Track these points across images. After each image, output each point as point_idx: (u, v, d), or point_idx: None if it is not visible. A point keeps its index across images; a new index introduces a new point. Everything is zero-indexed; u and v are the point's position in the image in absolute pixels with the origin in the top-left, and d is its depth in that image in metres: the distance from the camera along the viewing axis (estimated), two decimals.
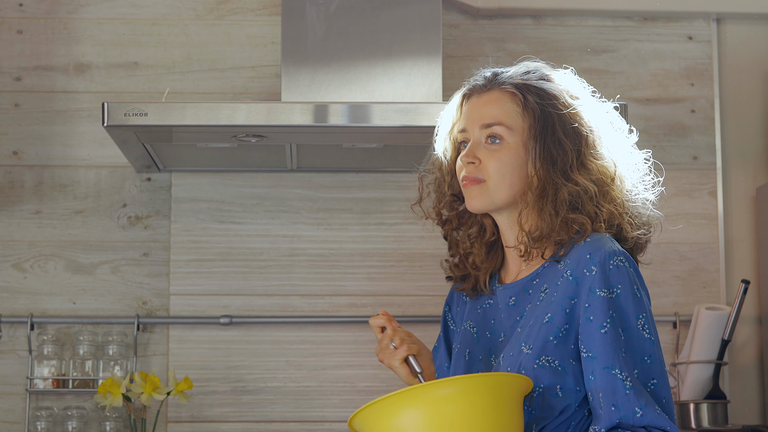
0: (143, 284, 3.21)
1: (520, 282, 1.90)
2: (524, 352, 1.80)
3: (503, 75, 1.93)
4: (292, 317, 3.21)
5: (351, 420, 1.70)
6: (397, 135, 2.83)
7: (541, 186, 1.85)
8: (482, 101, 1.91)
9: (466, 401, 1.65)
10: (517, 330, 1.86)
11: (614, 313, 1.76)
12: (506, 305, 1.91)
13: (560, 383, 1.78)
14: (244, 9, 3.30)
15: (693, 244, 3.31)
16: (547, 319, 1.81)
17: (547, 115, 1.87)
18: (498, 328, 1.92)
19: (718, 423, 3.08)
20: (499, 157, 1.87)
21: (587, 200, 1.84)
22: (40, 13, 3.27)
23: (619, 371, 1.74)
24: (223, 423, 3.18)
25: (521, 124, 1.87)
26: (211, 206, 3.24)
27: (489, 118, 1.89)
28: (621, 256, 1.79)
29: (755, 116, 3.37)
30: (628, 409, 1.73)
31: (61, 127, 3.24)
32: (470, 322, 1.98)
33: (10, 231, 3.21)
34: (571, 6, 3.32)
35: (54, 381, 3.11)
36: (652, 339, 1.78)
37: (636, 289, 1.79)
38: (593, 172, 1.86)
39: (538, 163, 1.85)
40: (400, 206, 3.26)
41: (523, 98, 1.88)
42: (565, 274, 1.82)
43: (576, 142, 1.86)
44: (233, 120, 2.72)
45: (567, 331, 1.79)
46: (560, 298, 1.81)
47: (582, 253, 1.81)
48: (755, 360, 3.29)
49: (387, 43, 2.96)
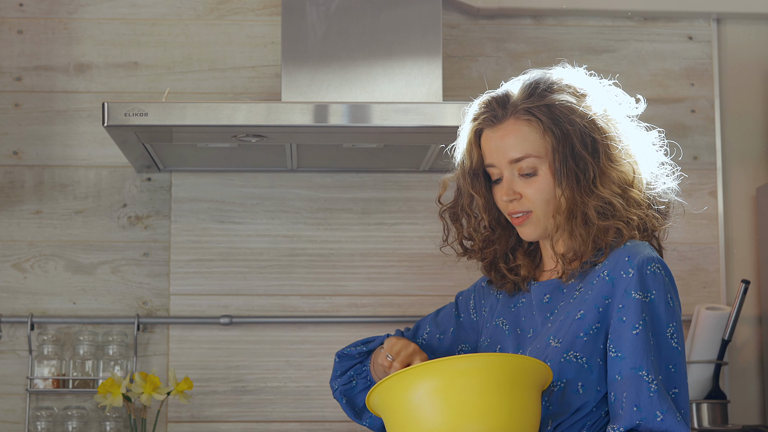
0: (143, 284, 3.21)
1: (555, 280, 1.91)
2: (552, 345, 1.81)
3: (512, 101, 1.89)
4: (292, 317, 3.21)
5: (369, 396, 1.71)
6: (397, 135, 2.83)
7: (569, 207, 1.85)
8: (499, 135, 1.88)
9: (485, 378, 1.65)
10: (548, 325, 1.86)
11: (647, 317, 1.77)
12: (539, 302, 1.91)
13: (583, 380, 1.79)
14: (244, 9, 3.30)
15: (693, 244, 3.31)
16: (579, 316, 1.81)
17: (566, 132, 1.85)
18: (528, 324, 1.92)
19: (718, 423, 3.08)
20: (537, 187, 1.86)
21: (617, 210, 1.84)
22: (40, 13, 3.27)
23: (646, 373, 1.74)
24: (223, 423, 3.18)
25: (545, 148, 1.86)
26: (211, 206, 3.24)
27: (515, 153, 1.87)
28: (658, 264, 1.81)
29: (755, 116, 3.37)
30: (650, 412, 1.73)
31: (61, 127, 3.24)
32: (503, 319, 1.98)
33: (10, 231, 3.21)
34: (571, 6, 3.32)
35: (54, 381, 3.11)
36: (679, 349, 1.78)
37: (670, 297, 1.79)
38: (615, 180, 1.85)
39: (564, 183, 1.85)
40: (400, 206, 3.27)
41: (539, 122, 1.86)
42: (602, 274, 1.82)
43: (595, 153, 1.85)
44: (233, 120, 2.71)
45: (598, 330, 1.80)
46: (594, 297, 1.81)
47: (621, 255, 1.82)
48: (755, 360, 3.29)
49: (387, 43, 2.96)
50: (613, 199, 1.84)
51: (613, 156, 1.87)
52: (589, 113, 1.87)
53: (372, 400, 1.73)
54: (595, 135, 1.86)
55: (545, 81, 1.90)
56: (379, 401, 1.72)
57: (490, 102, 1.91)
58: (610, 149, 1.86)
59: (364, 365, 2.06)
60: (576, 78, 1.92)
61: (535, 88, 1.89)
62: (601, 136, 1.86)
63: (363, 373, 2.06)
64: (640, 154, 1.91)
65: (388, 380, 1.67)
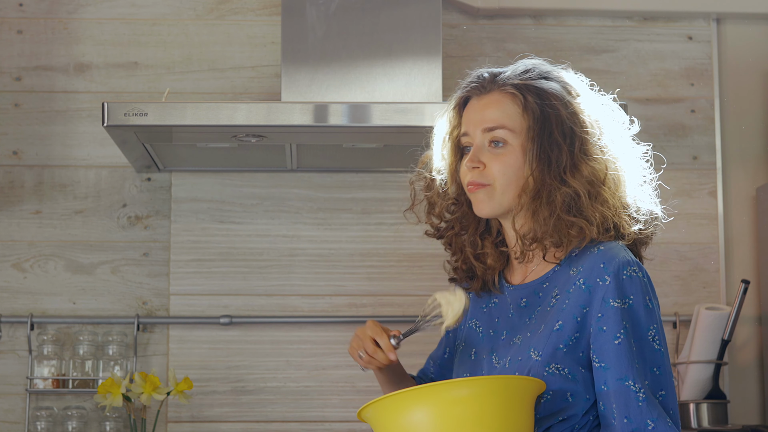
0: (143, 284, 3.21)
1: (531, 284, 1.90)
2: (533, 359, 1.80)
3: (502, 76, 1.90)
4: (291, 317, 3.21)
5: (361, 410, 1.71)
6: (397, 135, 2.83)
7: (536, 188, 1.84)
8: (482, 104, 1.89)
9: (479, 402, 1.65)
10: (527, 335, 1.85)
11: (627, 324, 1.76)
12: (518, 306, 1.90)
13: (570, 390, 1.78)
14: (244, 9, 3.30)
15: (693, 244, 3.31)
16: (557, 327, 1.80)
17: (546, 115, 1.85)
18: (501, 326, 1.92)
19: (718, 423, 3.08)
20: (504, 161, 1.86)
21: (582, 204, 1.83)
22: (40, 13, 3.27)
23: (632, 383, 1.74)
24: (223, 423, 3.18)
25: (522, 126, 1.86)
26: (211, 206, 3.24)
27: (491, 122, 1.87)
28: (635, 266, 1.79)
29: (755, 116, 3.37)
30: (641, 422, 1.73)
31: (61, 127, 3.24)
32: (476, 321, 1.97)
33: (10, 231, 3.21)
34: (571, 6, 3.32)
35: (54, 381, 3.11)
36: (661, 350, 1.78)
37: (648, 300, 1.79)
38: (585, 175, 1.84)
39: (534, 164, 1.84)
40: (400, 206, 3.25)
41: (523, 99, 1.86)
42: (578, 282, 1.81)
43: (571, 144, 1.85)
44: (233, 120, 2.72)
45: (577, 339, 1.79)
46: (572, 306, 1.80)
47: (595, 261, 1.80)
48: (755, 360, 3.29)
49: (387, 43, 2.96)
50: (581, 191, 1.82)
51: (588, 150, 1.86)
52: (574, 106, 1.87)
53: (364, 415, 1.72)
54: (575, 127, 1.86)
55: (542, 67, 1.93)
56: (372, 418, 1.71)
57: (482, 74, 1.93)
58: (586, 144, 1.86)
59: None
60: (574, 80, 1.93)
61: (530, 70, 1.91)
62: (581, 129, 1.86)
63: None
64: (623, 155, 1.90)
65: (380, 401, 1.67)
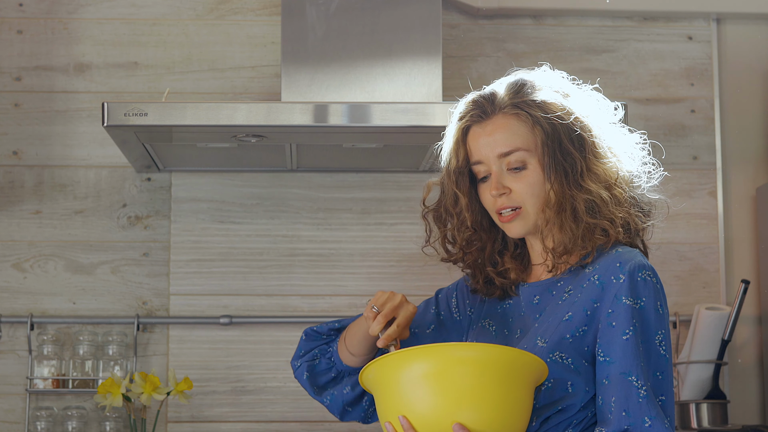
0: (143, 284, 3.21)
1: (544, 282, 1.91)
2: (538, 345, 1.81)
3: (499, 98, 1.90)
4: (291, 317, 3.21)
5: (364, 371, 1.71)
6: (397, 135, 2.83)
7: (558, 201, 1.85)
8: (488, 130, 1.89)
9: (481, 367, 1.66)
10: (535, 326, 1.86)
11: (637, 323, 1.78)
12: (530, 303, 1.91)
13: (571, 380, 1.79)
14: (244, 9, 3.30)
15: (693, 244, 3.31)
16: (567, 317, 1.82)
17: (554, 127, 1.86)
18: (515, 325, 1.93)
19: (718, 423, 3.08)
20: (527, 181, 1.86)
21: (603, 206, 1.84)
22: (40, 13, 3.27)
23: (635, 379, 1.75)
24: (223, 423, 3.18)
25: (535, 143, 1.86)
26: (211, 206, 3.24)
27: (505, 146, 1.87)
28: (649, 271, 1.81)
29: (755, 116, 3.37)
30: (638, 417, 1.74)
31: (61, 127, 3.24)
32: (489, 321, 1.98)
33: (10, 231, 3.21)
34: (571, 6, 3.32)
35: (54, 381, 3.11)
36: (666, 356, 1.79)
37: (660, 305, 1.81)
38: (601, 176, 1.86)
39: (553, 177, 1.85)
40: (400, 206, 3.26)
41: (528, 116, 1.86)
42: (592, 278, 1.83)
43: (581, 149, 1.86)
44: (233, 120, 2.72)
45: (584, 332, 1.81)
46: (583, 300, 1.82)
47: (612, 261, 1.82)
48: (755, 360, 3.29)
49: (387, 43, 2.96)
50: (601, 194, 1.84)
51: (598, 153, 1.88)
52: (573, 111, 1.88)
53: (366, 374, 1.73)
54: (581, 131, 1.87)
55: (530, 80, 1.92)
56: (373, 378, 1.72)
57: (477, 99, 1.92)
58: (595, 146, 1.88)
59: (330, 346, 2.05)
60: (558, 80, 1.94)
61: (521, 86, 1.90)
62: (587, 133, 1.88)
63: (327, 354, 2.05)
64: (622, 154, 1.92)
65: (384, 358, 1.68)
